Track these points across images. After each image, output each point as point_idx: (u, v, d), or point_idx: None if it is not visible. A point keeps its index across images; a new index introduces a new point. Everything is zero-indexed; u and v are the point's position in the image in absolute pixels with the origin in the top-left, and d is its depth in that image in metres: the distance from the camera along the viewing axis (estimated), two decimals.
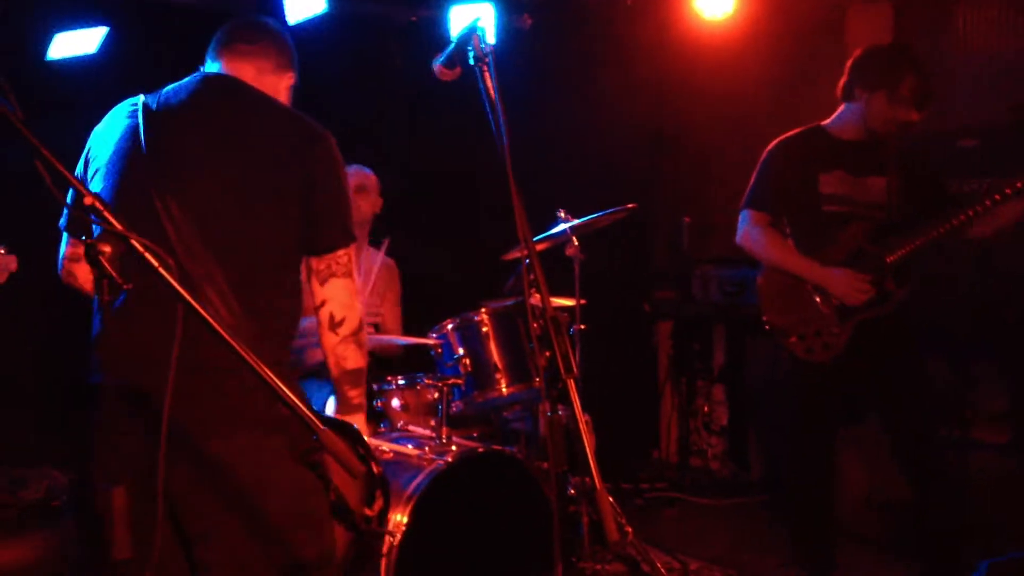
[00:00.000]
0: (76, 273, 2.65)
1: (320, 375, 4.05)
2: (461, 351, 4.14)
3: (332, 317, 2.54)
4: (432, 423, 4.06)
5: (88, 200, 1.80)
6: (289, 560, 2.38)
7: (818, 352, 3.95)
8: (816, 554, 4.10)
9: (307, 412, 1.82)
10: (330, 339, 2.56)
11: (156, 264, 1.80)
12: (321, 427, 1.83)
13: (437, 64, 2.54)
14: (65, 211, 2.58)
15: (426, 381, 4.18)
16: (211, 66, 2.71)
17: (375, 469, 2.41)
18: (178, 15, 5.43)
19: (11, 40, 4.95)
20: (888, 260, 3.87)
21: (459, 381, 4.05)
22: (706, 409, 6.58)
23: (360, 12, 5.78)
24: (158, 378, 1.99)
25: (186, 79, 2.62)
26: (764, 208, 4.10)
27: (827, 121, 4.08)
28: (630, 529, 4.45)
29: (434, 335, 4.29)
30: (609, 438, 4.59)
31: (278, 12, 5.24)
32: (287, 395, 1.82)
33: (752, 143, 4.32)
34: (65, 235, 2.64)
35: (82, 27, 5.05)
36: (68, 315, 2.76)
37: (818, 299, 3.97)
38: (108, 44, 5.10)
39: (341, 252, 2.55)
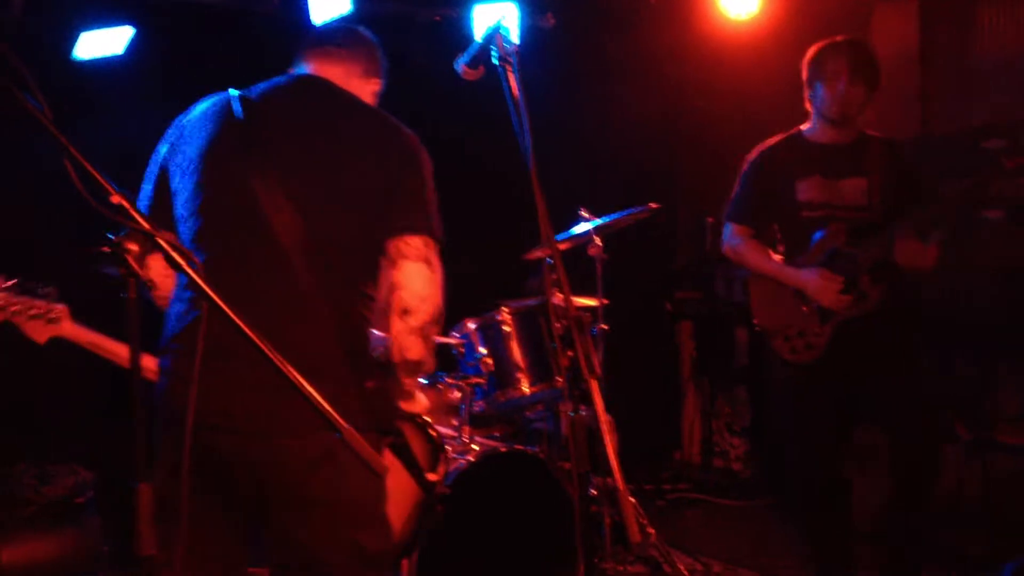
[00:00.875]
0: (158, 283, 2.67)
1: None
2: (483, 350, 4.15)
3: (402, 303, 2.40)
4: (454, 422, 4.07)
5: (115, 199, 1.81)
6: (354, 557, 2.40)
7: (802, 353, 3.96)
8: (829, 554, 4.08)
9: (329, 410, 1.83)
10: (396, 325, 2.40)
11: (182, 263, 1.81)
12: (345, 426, 1.84)
13: (461, 64, 2.54)
14: (146, 200, 2.60)
15: (448, 380, 4.19)
16: (300, 67, 2.73)
17: (438, 440, 3.02)
18: (204, 15, 5.47)
19: (38, 39, 5.00)
20: (860, 260, 3.86)
21: (481, 380, 4.06)
22: (728, 410, 6.55)
23: (384, 12, 5.79)
24: (227, 385, 2.07)
25: (276, 78, 2.65)
26: (744, 220, 4.17)
27: (805, 127, 4.09)
28: (652, 530, 4.45)
29: (456, 334, 4.29)
30: (631, 439, 4.59)
31: (303, 12, 5.26)
32: (310, 393, 1.82)
33: None
34: None
35: (108, 26, 5.09)
36: (100, 309, 2.77)
37: (799, 301, 3.97)
38: (135, 44, 5.14)
39: (413, 236, 2.44)
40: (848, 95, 3.89)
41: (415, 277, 2.41)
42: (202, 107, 2.62)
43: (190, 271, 1.81)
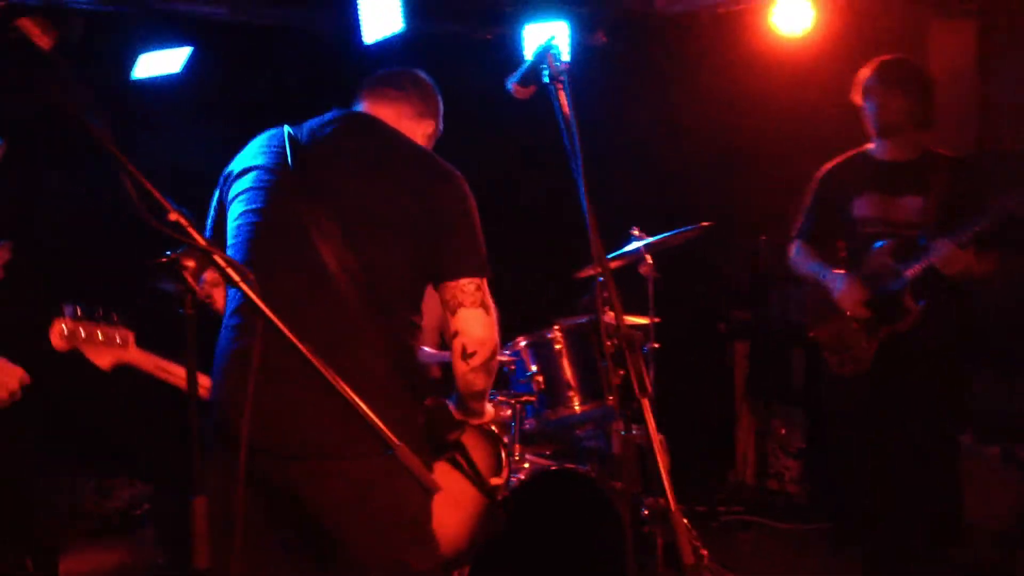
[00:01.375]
0: (215, 296, 2.76)
1: None
2: (534, 368, 4.14)
3: (464, 349, 2.57)
4: (505, 440, 4.05)
5: (173, 216, 1.84)
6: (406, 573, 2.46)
7: (848, 366, 4.04)
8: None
9: (384, 429, 1.84)
10: (460, 367, 2.61)
11: (238, 279, 1.83)
12: (397, 443, 1.85)
13: (512, 82, 2.56)
14: (208, 225, 2.71)
15: (499, 398, 4.18)
16: (355, 105, 2.83)
17: (503, 448, 3.20)
18: (259, 34, 5.55)
19: (99, 59, 5.11)
20: (904, 275, 3.88)
21: (532, 398, 4.05)
22: (783, 431, 6.47)
23: (436, 31, 5.84)
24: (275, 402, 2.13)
25: (328, 114, 2.74)
26: (809, 238, 4.29)
27: (870, 145, 4.15)
28: (705, 552, 4.40)
29: (507, 352, 4.29)
30: (684, 459, 4.55)
31: (355, 31, 5.31)
32: (366, 412, 1.83)
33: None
34: None
35: (167, 47, 5.19)
36: (162, 327, 2.83)
37: (848, 315, 4.03)
38: (191, 63, 5.23)
39: (466, 281, 2.56)
40: (887, 106, 3.95)
41: (474, 323, 2.57)
42: (257, 142, 2.71)
43: (245, 287, 1.83)
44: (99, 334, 2.79)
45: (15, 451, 3.71)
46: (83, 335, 2.76)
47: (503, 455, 3.41)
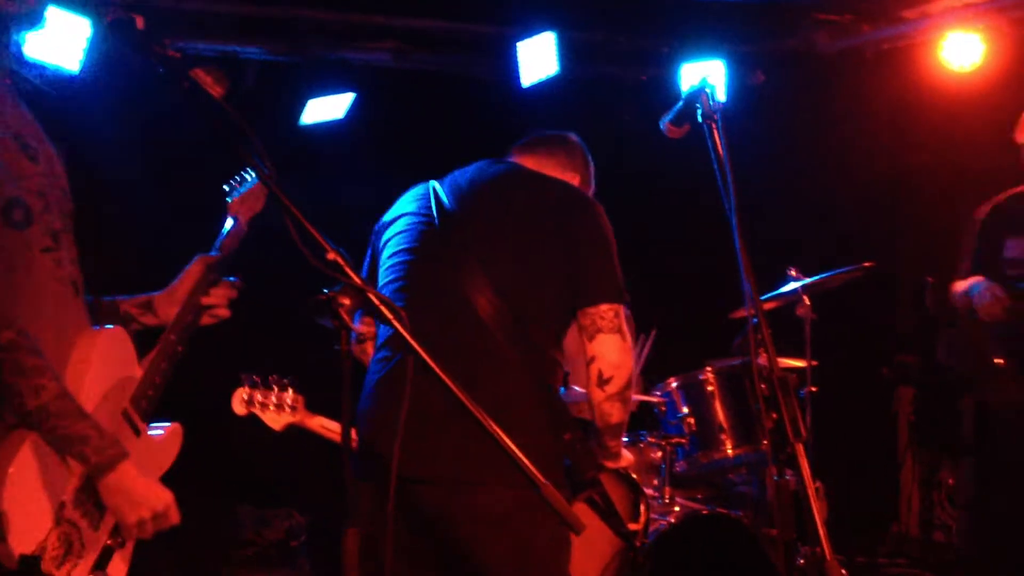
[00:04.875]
0: (367, 351, 2.86)
1: None
2: (685, 410, 4.09)
3: (600, 374, 2.58)
4: (655, 482, 4.01)
5: (331, 255, 1.90)
6: None
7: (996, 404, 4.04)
8: None
9: (529, 465, 1.85)
10: (597, 395, 2.61)
11: (391, 317, 1.88)
12: (543, 481, 1.85)
13: (665, 121, 2.55)
14: (363, 274, 2.82)
15: (649, 439, 4.15)
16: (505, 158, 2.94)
17: (643, 497, 3.22)
18: (420, 79, 5.72)
19: (270, 106, 5.36)
20: None
21: (683, 440, 4.01)
22: (951, 482, 6.18)
23: (591, 73, 5.89)
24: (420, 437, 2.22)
25: (476, 164, 2.84)
26: (965, 278, 4.18)
27: None
28: None
29: (658, 392, 4.25)
30: (844, 508, 4.41)
31: (513, 75, 5.41)
32: (511, 448, 1.85)
33: None
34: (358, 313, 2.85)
35: (333, 93, 5.41)
36: (310, 357, 2.95)
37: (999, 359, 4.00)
38: (354, 109, 5.43)
39: (606, 307, 2.59)
40: None
41: (611, 348, 2.58)
42: (408, 196, 2.83)
43: (397, 325, 1.88)
44: (273, 400, 3.03)
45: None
46: (260, 402, 3.00)
47: (642, 503, 3.38)
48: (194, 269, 2.39)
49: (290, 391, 3.10)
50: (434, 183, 2.78)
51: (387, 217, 2.84)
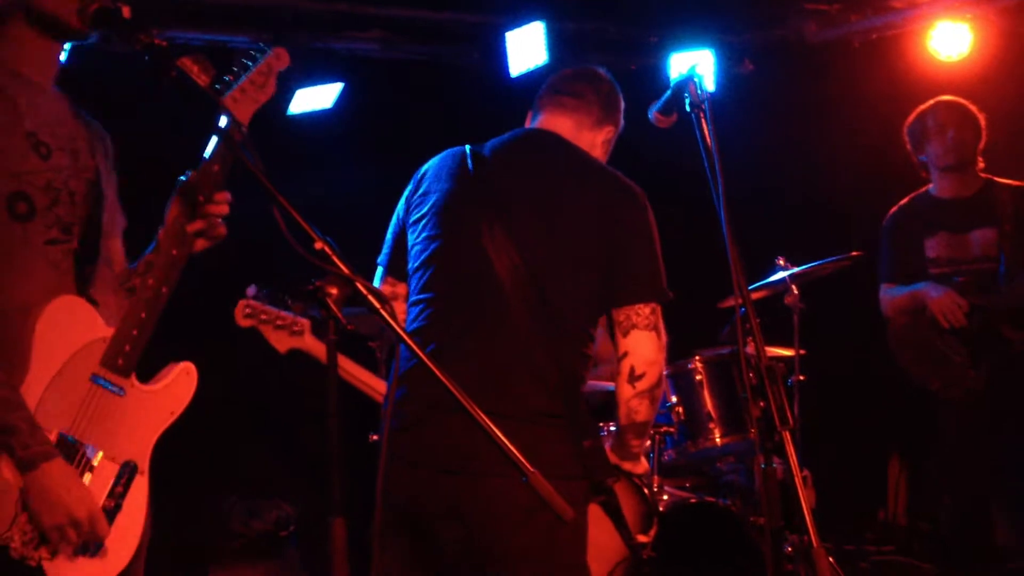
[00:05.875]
0: (399, 309, 2.79)
1: None
2: (674, 399, 4.10)
3: (633, 370, 2.55)
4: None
5: (318, 245, 1.90)
6: None
7: (958, 395, 4.10)
8: None
9: (519, 456, 1.85)
10: (626, 391, 2.57)
11: (378, 306, 1.88)
12: (531, 470, 1.85)
13: (653, 111, 2.55)
14: (386, 250, 2.77)
15: None
16: (534, 117, 2.84)
17: (653, 503, 3.21)
18: (407, 69, 5.71)
19: None
20: (993, 308, 3.94)
21: (671, 429, 4.01)
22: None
23: (580, 63, 5.87)
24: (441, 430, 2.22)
25: (508, 134, 2.77)
26: (894, 280, 4.37)
27: (931, 184, 4.27)
28: None
29: None
30: (831, 496, 4.42)
31: (502, 65, 5.40)
32: (500, 439, 1.84)
33: None
34: (381, 270, 2.81)
35: (321, 83, 5.39)
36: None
37: (949, 352, 4.09)
38: (342, 98, 5.41)
39: (642, 305, 2.55)
40: (952, 143, 4.12)
41: (646, 344, 2.55)
42: (437, 160, 2.75)
43: (385, 314, 1.88)
44: (279, 318, 2.93)
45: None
46: (264, 316, 2.91)
47: (654, 517, 3.37)
48: (172, 202, 2.24)
49: (297, 312, 2.97)
50: (471, 150, 2.69)
51: (414, 194, 2.74)
